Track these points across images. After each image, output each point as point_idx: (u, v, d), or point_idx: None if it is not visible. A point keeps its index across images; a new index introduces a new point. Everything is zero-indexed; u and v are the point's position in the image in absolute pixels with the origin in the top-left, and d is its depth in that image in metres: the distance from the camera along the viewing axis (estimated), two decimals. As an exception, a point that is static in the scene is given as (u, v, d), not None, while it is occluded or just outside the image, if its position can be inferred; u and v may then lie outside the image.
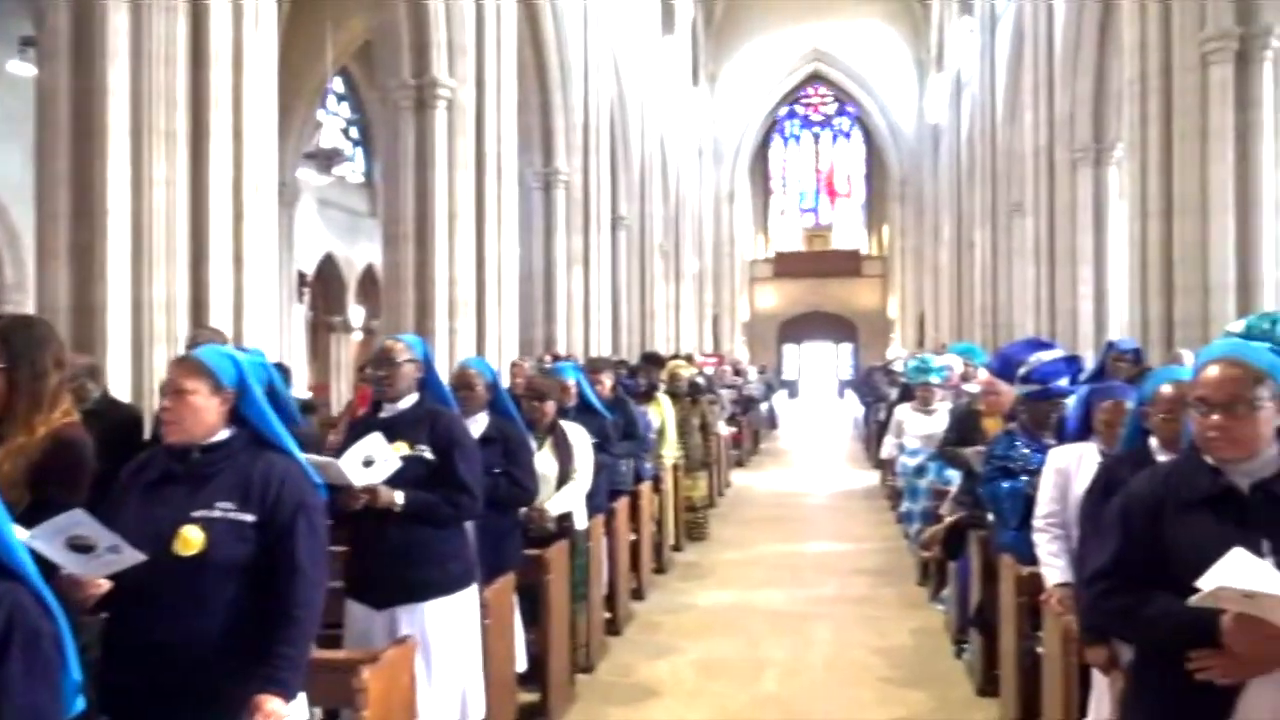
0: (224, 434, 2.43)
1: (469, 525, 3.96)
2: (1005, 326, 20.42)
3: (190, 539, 2.28)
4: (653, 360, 8.70)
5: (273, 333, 7.18)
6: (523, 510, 4.51)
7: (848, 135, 39.49)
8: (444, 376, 4.10)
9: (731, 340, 34.88)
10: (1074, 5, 15.67)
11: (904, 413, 7.87)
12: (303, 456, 2.54)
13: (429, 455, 3.42)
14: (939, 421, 6.94)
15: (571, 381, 5.69)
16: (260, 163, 6.61)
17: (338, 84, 19.77)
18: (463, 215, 10.27)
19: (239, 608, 2.32)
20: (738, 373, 19.64)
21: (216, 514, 2.32)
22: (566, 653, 4.88)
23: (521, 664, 4.44)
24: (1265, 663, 1.93)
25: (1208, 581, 1.86)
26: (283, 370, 6.51)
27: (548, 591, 4.51)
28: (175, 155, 5.84)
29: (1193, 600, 1.90)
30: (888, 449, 8.67)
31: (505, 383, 6.31)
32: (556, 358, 10.83)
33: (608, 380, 6.88)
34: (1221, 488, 2.06)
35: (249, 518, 2.34)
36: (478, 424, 4.23)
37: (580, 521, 5.17)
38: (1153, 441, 2.94)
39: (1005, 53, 20.89)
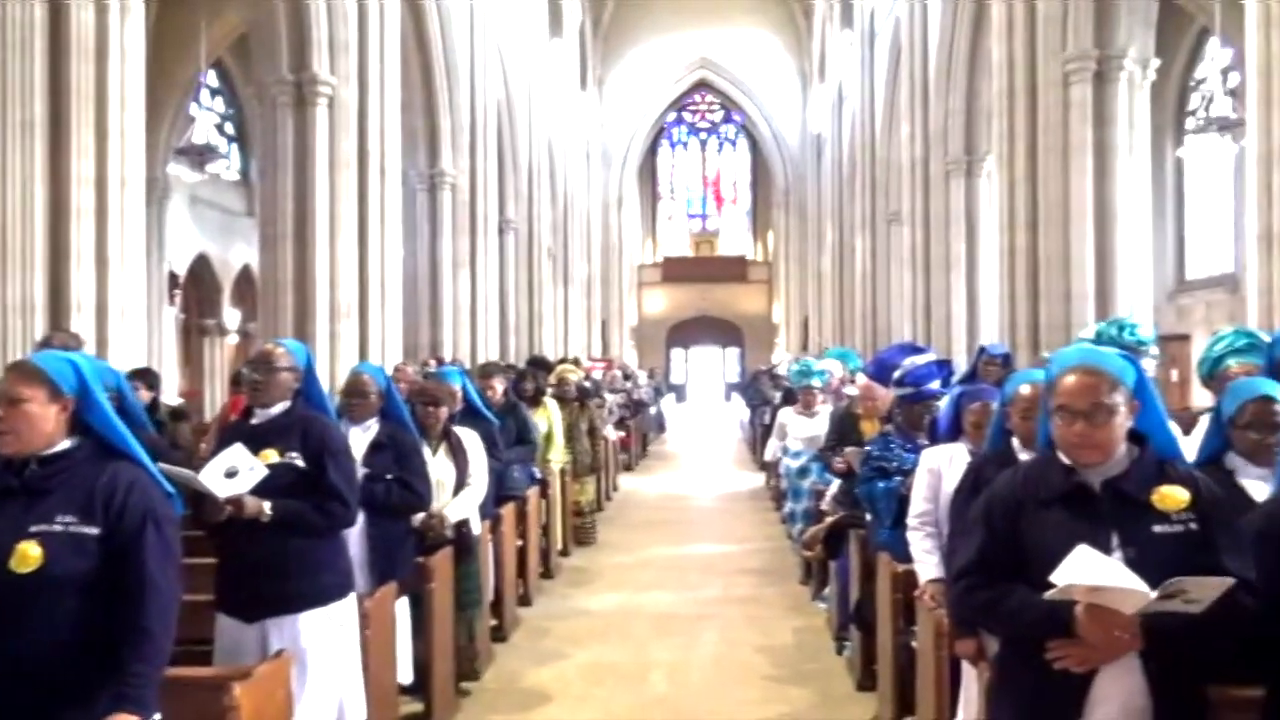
0: (65, 444, 2.30)
1: (358, 533, 3.87)
2: (884, 331, 21.08)
3: (28, 554, 2.16)
4: (540, 364, 8.66)
5: (140, 336, 6.87)
6: (419, 517, 4.43)
7: (734, 143, 40.18)
8: (326, 382, 3.99)
9: (620, 344, 35.04)
10: (947, 23, 16.31)
11: (787, 416, 8.04)
12: (154, 465, 2.43)
13: (300, 462, 3.32)
14: (820, 424, 7.10)
15: (457, 386, 5.62)
16: (127, 158, 6.32)
17: (212, 78, 19.02)
18: (345, 216, 10.02)
19: (86, 624, 2.21)
20: (626, 377, 19.73)
21: (57, 528, 2.20)
22: (451, 662, 4.80)
23: (407, 675, 4.35)
24: (1114, 650, 2.06)
25: (1059, 577, 1.98)
26: (151, 375, 6.23)
27: (431, 600, 4.42)
28: (32, 148, 5.52)
29: (1048, 595, 2.02)
30: (771, 451, 8.84)
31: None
32: (440, 362, 10.67)
33: (500, 385, 6.82)
34: (1075, 486, 2.18)
35: (92, 530, 2.23)
36: (369, 430, 4.15)
37: (476, 528, 5.12)
38: (1015, 441, 3.08)
39: (884, 67, 21.57)
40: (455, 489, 4.78)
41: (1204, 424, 3.80)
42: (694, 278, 38.53)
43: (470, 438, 5.02)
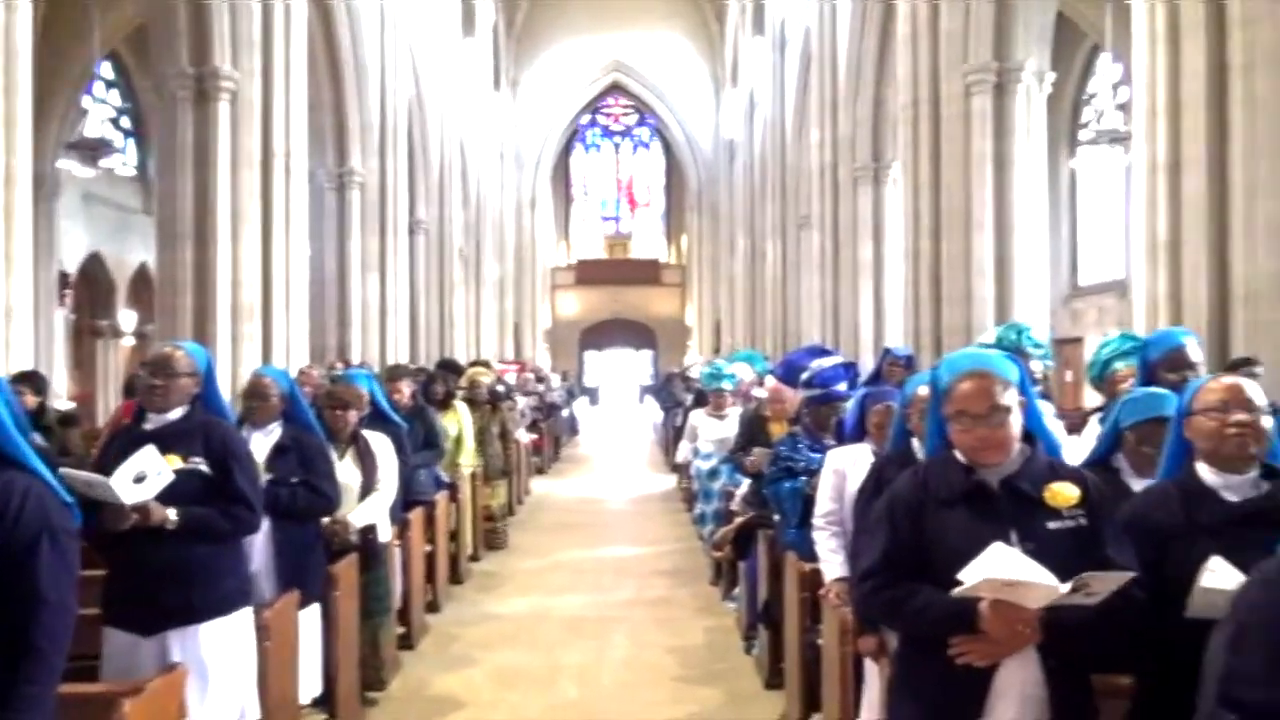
0: None
1: (262, 540, 3.78)
2: (795, 333, 21.42)
3: None
4: (450, 367, 8.54)
5: (28, 339, 6.56)
6: (324, 522, 4.33)
7: (647, 146, 40.35)
8: (227, 386, 3.87)
9: (533, 347, 34.86)
10: (855, 34, 16.66)
11: (698, 418, 8.09)
12: (52, 474, 2.32)
13: (204, 468, 3.23)
14: (731, 426, 7.17)
15: (365, 390, 5.51)
16: (14, 152, 6.03)
17: (106, 69, 18.30)
18: (248, 215, 9.73)
19: None
20: (539, 379, 19.62)
21: None
22: (356, 671, 4.71)
23: (315, 687, 4.24)
24: (1016, 644, 2.14)
25: (971, 573, 2.04)
26: (38, 379, 5.96)
27: (336, 608, 4.33)
28: (-95, 139, 5.22)
29: (958, 591, 2.09)
30: (682, 453, 8.88)
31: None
32: (348, 365, 10.46)
33: (407, 388, 6.71)
34: (975, 485, 2.25)
35: None
36: (271, 434, 4.04)
37: (384, 534, 5.02)
38: (915, 441, 3.16)
39: (794, 74, 21.93)
40: (362, 494, 4.70)
41: (1093, 424, 3.98)
42: (608, 280, 38.56)
43: (380, 442, 4.94)
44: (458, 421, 7.96)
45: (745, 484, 6.11)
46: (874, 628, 2.89)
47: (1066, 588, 2.04)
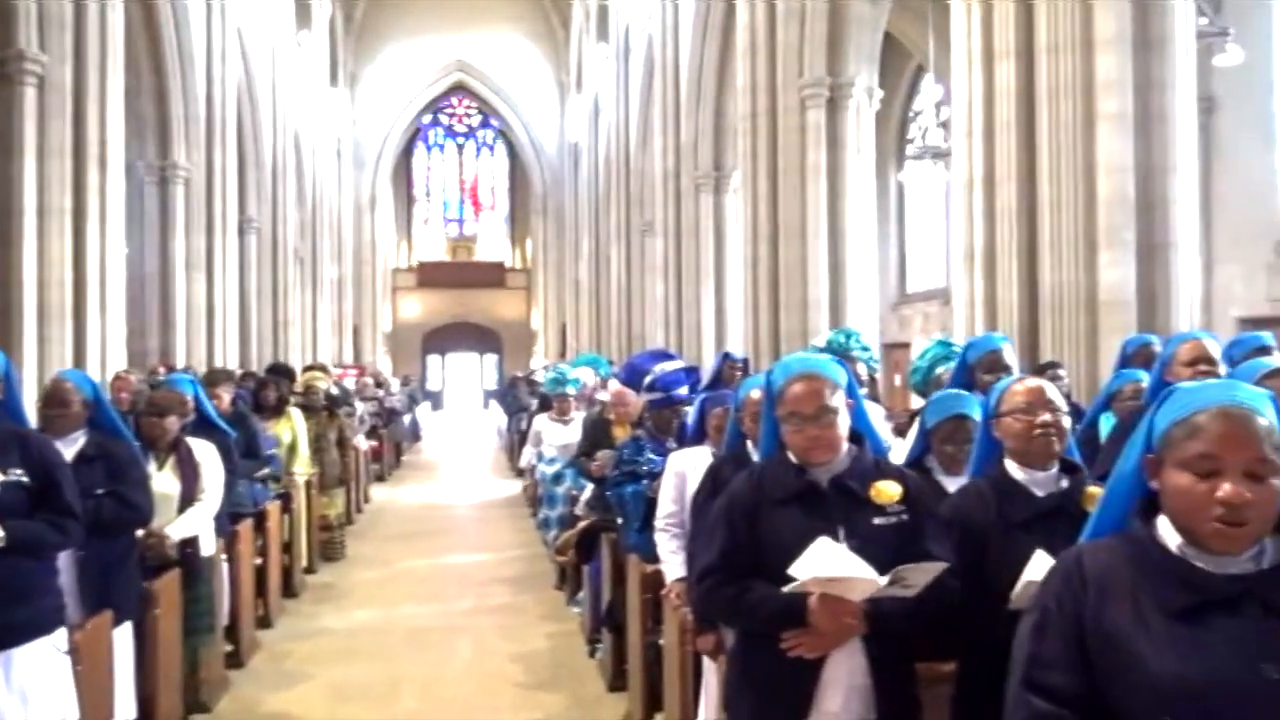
0: None
1: (65, 557, 3.52)
2: (639, 338, 21.66)
3: None
4: (280, 372, 8.17)
5: None
6: (139, 535, 4.06)
7: (491, 148, 39.95)
8: (32, 392, 3.59)
9: (373, 351, 33.90)
10: (697, 44, 17.02)
11: (542, 422, 8.07)
12: None
13: (25, 480, 3.01)
14: (575, 431, 7.18)
15: (188, 395, 5.22)
16: None
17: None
18: (55, 209, 9.04)
19: None
20: (379, 384, 19.11)
21: None
22: (178, 693, 4.45)
23: (129, 710, 3.98)
24: (843, 636, 2.25)
25: (798, 569, 2.12)
26: None
27: (155, 627, 4.07)
28: None
29: (787, 587, 2.17)
30: (526, 458, 8.83)
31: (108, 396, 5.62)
32: (170, 369, 9.88)
33: (227, 395, 6.39)
34: (805, 484, 2.34)
35: None
36: (75, 443, 3.76)
37: (208, 547, 4.75)
38: (749, 443, 3.25)
39: (638, 81, 22.19)
40: (182, 505, 4.43)
41: (918, 425, 4.20)
42: (451, 283, 37.94)
43: (205, 450, 4.67)
44: (291, 429, 7.65)
45: (589, 488, 6.13)
46: (712, 626, 2.95)
47: (885, 580, 2.14)
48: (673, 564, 3.66)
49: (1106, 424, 4.06)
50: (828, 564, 2.14)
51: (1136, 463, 1.58)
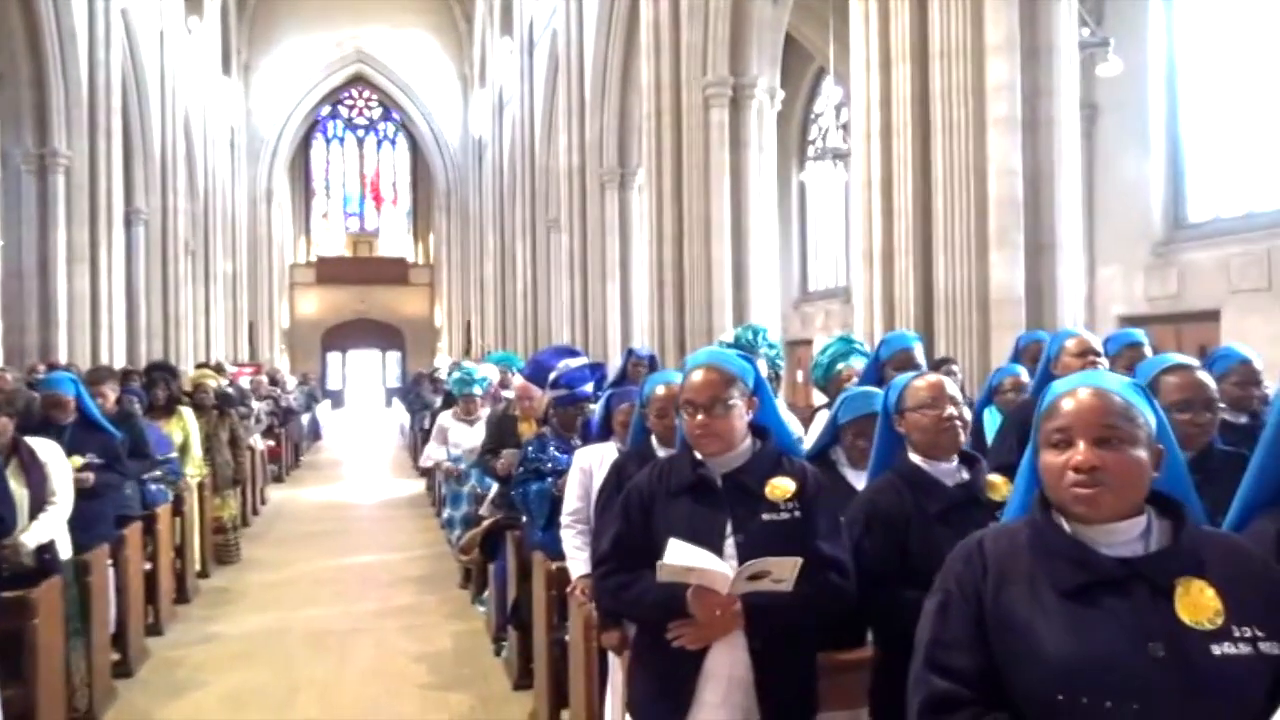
0: None
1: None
2: (545, 334, 21.58)
3: None
4: (164, 369, 7.81)
5: None
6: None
7: (393, 142, 39.22)
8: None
9: (270, 348, 32.95)
10: (602, 41, 17.03)
11: (447, 420, 7.94)
12: None
13: None
14: (481, 431, 7.09)
15: (69, 395, 4.99)
16: None
17: None
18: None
19: None
20: (275, 382, 18.57)
21: None
22: (62, 706, 4.24)
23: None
24: (721, 628, 2.29)
25: (660, 565, 2.19)
26: None
27: (35, 637, 3.88)
28: None
29: (658, 579, 2.23)
30: (430, 456, 8.63)
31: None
32: (52, 367, 9.43)
33: (111, 393, 6.12)
34: (700, 478, 2.36)
35: None
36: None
37: (65, 550, 4.49)
38: (654, 439, 3.27)
39: (543, 77, 22.07)
40: (32, 510, 4.19)
41: (819, 419, 4.29)
42: (352, 279, 37.13)
43: (49, 450, 4.37)
44: (183, 428, 7.38)
45: (495, 487, 6.07)
46: (617, 622, 2.95)
47: (738, 573, 2.18)
48: (578, 560, 3.66)
49: (990, 416, 4.23)
50: (681, 559, 2.19)
51: (1033, 451, 1.64)
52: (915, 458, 2.50)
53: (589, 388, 4.70)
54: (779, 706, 2.33)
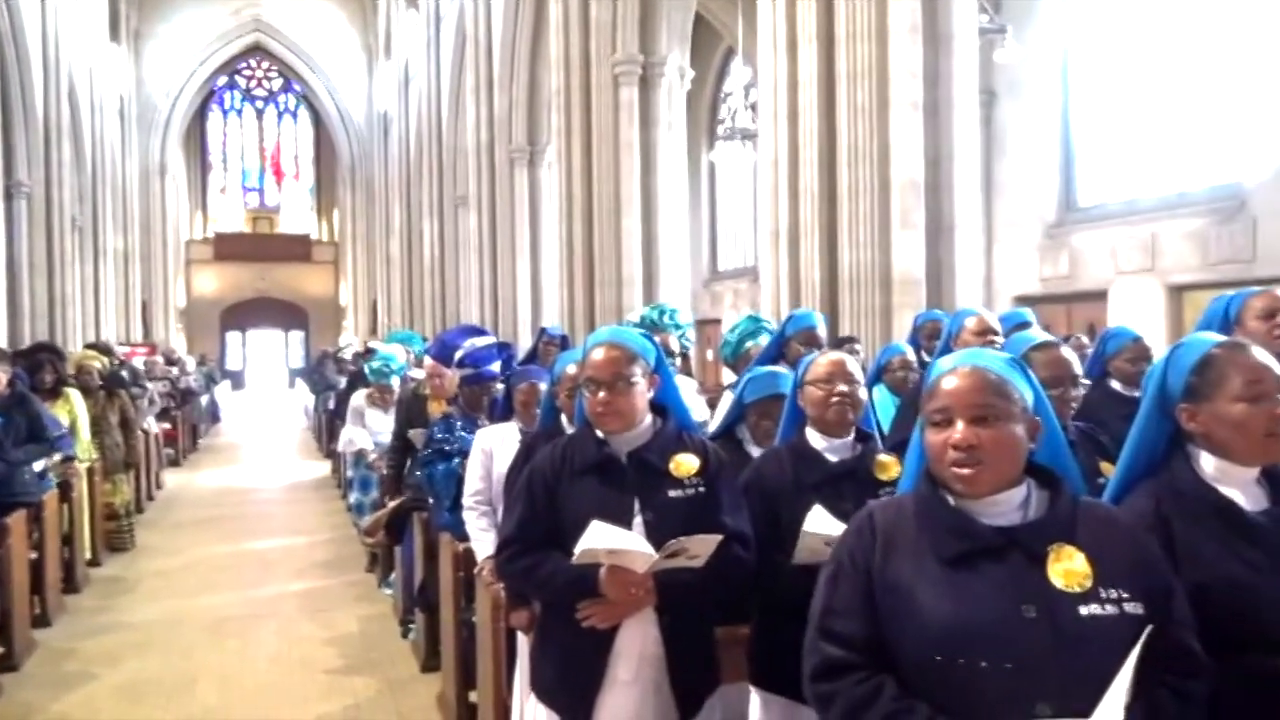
0: None
1: None
2: (454, 314, 21.31)
3: None
4: (50, 351, 7.44)
5: None
6: None
7: (294, 114, 38.05)
8: None
9: (166, 328, 31.75)
10: (510, 14, 16.78)
11: (360, 402, 7.73)
12: None
13: None
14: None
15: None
16: None
17: None
18: None
19: None
20: (171, 363, 17.93)
21: None
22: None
23: None
24: (633, 605, 2.31)
25: (579, 548, 2.19)
26: None
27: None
28: None
29: (573, 561, 2.23)
30: (345, 439, 8.35)
31: None
32: (-73, 348, 8.90)
33: (3, 375, 5.82)
34: (604, 457, 2.37)
35: None
36: None
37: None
38: (564, 418, 3.26)
39: (450, 51, 21.67)
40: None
41: (726, 397, 4.34)
42: (252, 256, 35.99)
43: None
44: (70, 411, 7.06)
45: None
46: (525, 602, 2.94)
47: (658, 554, 2.20)
48: (483, 541, 3.63)
49: (880, 394, 4.34)
50: (604, 540, 2.19)
51: (917, 431, 1.71)
52: (810, 432, 2.56)
53: (496, 367, 4.66)
54: (688, 680, 2.36)
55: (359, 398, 7.76)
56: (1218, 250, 9.74)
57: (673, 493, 2.34)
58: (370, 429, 7.45)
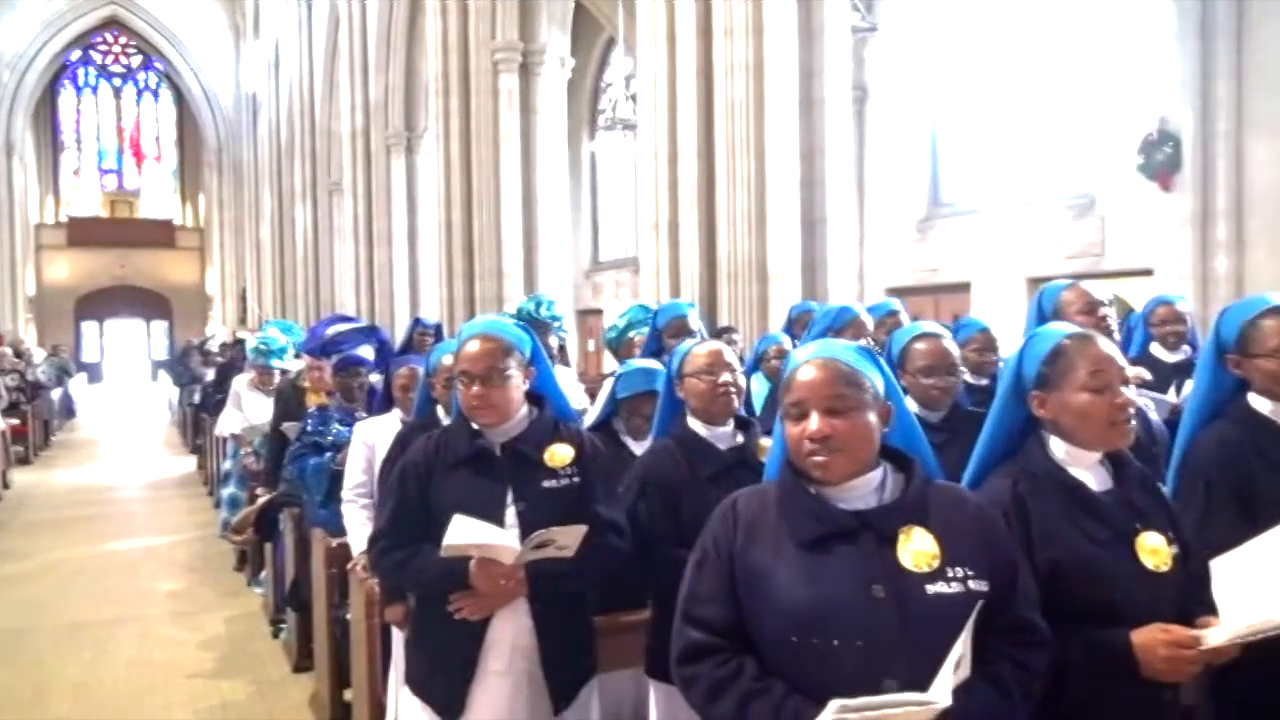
0: None
1: None
2: (328, 303, 20.73)
3: None
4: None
5: None
6: None
7: (155, 93, 36.17)
8: None
9: (14, 318, 29.81)
10: (386, -3, 16.37)
11: (242, 387, 7.39)
12: None
13: None
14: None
15: None
16: None
17: None
18: None
19: None
20: (19, 354, 16.88)
21: None
22: None
23: None
24: (504, 597, 2.30)
25: (445, 543, 2.17)
26: None
27: None
28: None
29: (442, 554, 2.22)
30: (226, 426, 7.87)
31: None
32: None
33: None
34: (478, 448, 2.34)
35: None
36: None
37: None
38: (440, 409, 3.21)
39: (323, 32, 21.01)
40: None
41: (606, 386, 4.36)
42: (110, 242, 34.07)
43: None
44: (-98, 407, 6.57)
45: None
46: (401, 597, 2.89)
47: (521, 546, 2.20)
48: (360, 536, 3.55)
49: (757, 383, 4.44)
50: (466, 536, 2.19)
51: (778, 420, 1.75)
52: (693, 422, 2.58)
53: (369, 355, 4.56)
54: (562, 669, 2.37)
55: (240, 381, 7.46)
56: (1071, 245, 10.30)
57: (547, 483, 2.34)
58: (248, 412, 7.15)
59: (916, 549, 1.57)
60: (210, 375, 11.19)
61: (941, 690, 1.41)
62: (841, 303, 4.89)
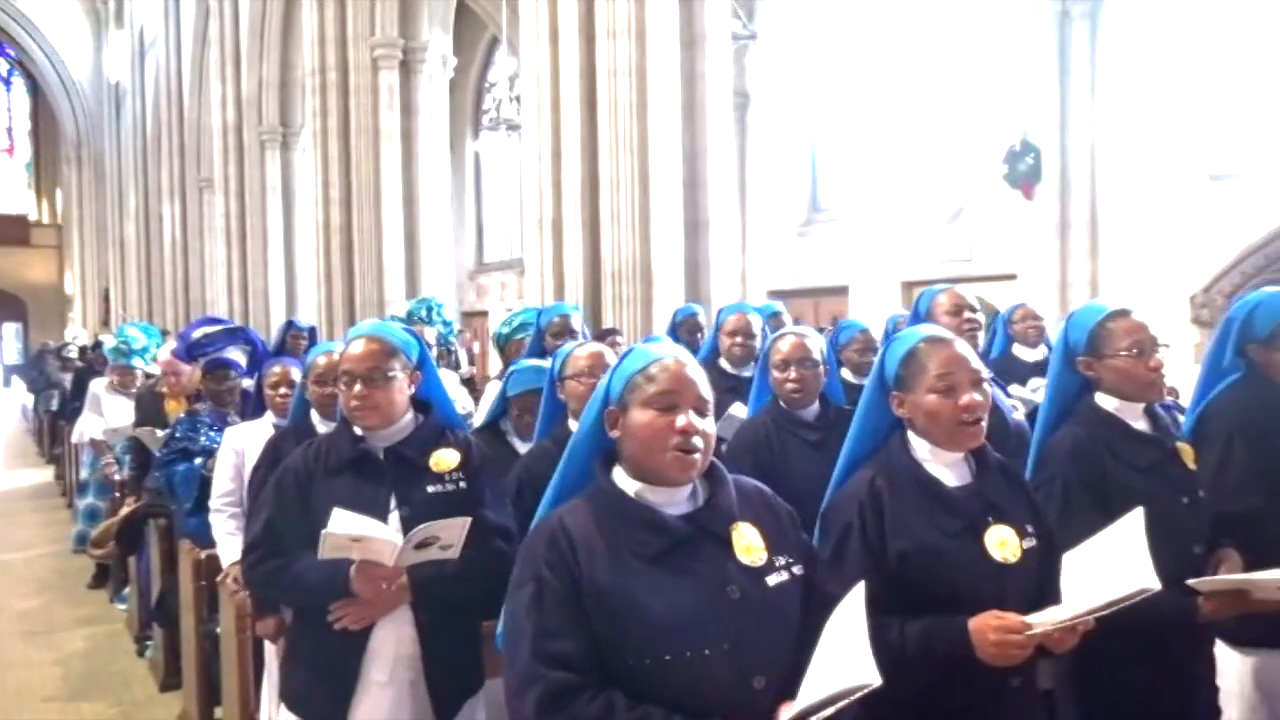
0: None
1: None
2: (199, 304, 19.91)
3: None
4: None
5: None
6: None
7: (7, 81, 34.02)
8: None
9: None
10: (259, -13, 15.81)
11: (100, 389, 7.00)
12: None
13: None
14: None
15: None
16: None
17: None
18: None
19: None
20: None
21: None
22: None
23: None
24: (387, 603, 2.23)
25: (322, 538, 2.08)
26: None
27: None
28: None
29: (319, 555, 2.11)
30: (86, 430, 7.40)
31: None
32: None
33: None
34: (360, 453, 2.28)
35: None
36: None
37: None
38: (315, 414, 3.11)
39: (191, 21, 20.16)
40: None
41: (492, 387, 4.32)
42: (-43, 240, 31.91)
43: None
44: None
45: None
46: (273, 609, 2.78)
47: (403, 541, 2.13)
48: (229, 546, 3.41)
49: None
50: (346, 527, 2.10)
51: (597, 416, 1.68)
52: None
53: (240, 359, 4.39)
54: (446, 679, 2.30)
55: (99, 384, 7.08)
56: (942, 251, 10.72)
57: (431, 488, 2.28)
58: (108, 415, 6.78)
59: (747, 544, 1.58)
60: (68, 380, 10.58)
61: (870, 670, 1.39)
62: (726, 303, 4.98)
